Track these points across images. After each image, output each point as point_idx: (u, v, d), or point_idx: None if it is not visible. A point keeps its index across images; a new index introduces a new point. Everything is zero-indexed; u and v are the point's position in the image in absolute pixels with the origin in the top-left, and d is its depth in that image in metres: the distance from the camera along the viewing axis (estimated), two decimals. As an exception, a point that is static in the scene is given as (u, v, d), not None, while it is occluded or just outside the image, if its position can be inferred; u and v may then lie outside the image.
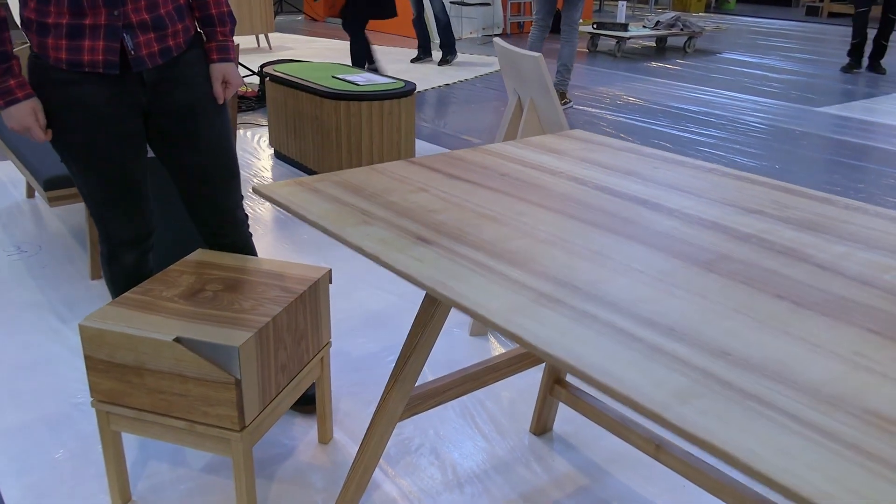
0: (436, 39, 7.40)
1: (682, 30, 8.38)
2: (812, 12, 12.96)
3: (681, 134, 5.10)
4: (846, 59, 7.69)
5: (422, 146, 4.65)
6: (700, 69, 7.59)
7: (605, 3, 14.30)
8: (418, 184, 1.45)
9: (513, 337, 0.90)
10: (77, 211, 3.57)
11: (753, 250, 1.16)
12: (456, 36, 9.27)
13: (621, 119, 5.48)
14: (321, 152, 3.92)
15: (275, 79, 4.16)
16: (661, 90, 6.54)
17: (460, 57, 7.99)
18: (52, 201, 2.68)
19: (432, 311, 1.41)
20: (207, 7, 1.76)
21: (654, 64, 7.86)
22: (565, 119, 2.29)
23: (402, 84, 3.89)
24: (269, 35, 9.05)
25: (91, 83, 1.63)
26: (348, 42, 8.12)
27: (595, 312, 0.96)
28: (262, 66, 4.95)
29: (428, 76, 6.94)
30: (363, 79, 3.99)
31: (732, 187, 1.46)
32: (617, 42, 8.15)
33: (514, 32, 9.88)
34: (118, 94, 1.67)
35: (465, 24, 9.33)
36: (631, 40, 8.90)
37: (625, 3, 8.23)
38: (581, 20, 9.97)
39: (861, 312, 0.97)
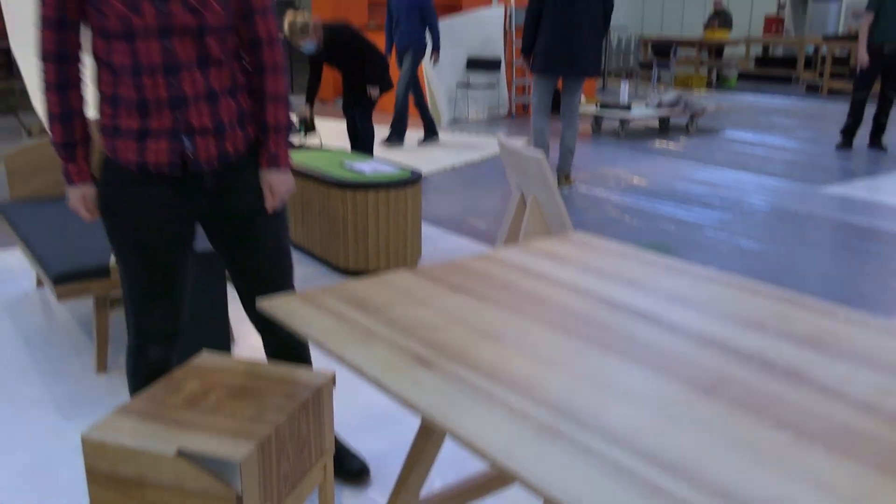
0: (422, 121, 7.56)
1: (684, 109, 8.53)
2: (812, 89, 13.20)
3: (686, 216, 5.14)
4: (840, 137, 7.80)
5: (427, 231, 4.69)
6: (703, 148, 7.69)
7: (609, 81, 14.61)
8: (421, 297, 1.46)
9: (513, 474, 0.90)
10: (85, 302, 3.59)
11: (755, 371, 1.16)
12: (462, 117, 9.46)
13: (627, 201, 5.53)
14: (328, 240, 3.96)
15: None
16: (666, 170, 6.62)
17: (467, 139, 8.13)
18: (60, 297, 2.70)
19: (431, 433, 1.40)
20: (265, 114, 1.81)
21: (657, 143, 7.97)
22: (568, 217, 2.32)
23: (409, 173, 3.96)
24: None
25: (154, 185, 1.73)
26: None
27: (596, 446, 0.95)
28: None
29: (436, 158, 7.06)
30: (371, 167, 4.06)
31: (734, 298, 1.47)
32: (621, 122, 8.30)
33: (520, 114, 10.07)
34: (178, 197, 1.76)
35: (470, 106, 9.53)
36: (634, 120, 9.05)
37: (627, 83, 8.41)
38: (583, 100, 10.19)
39: (864, 444, 0.96)
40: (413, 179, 3.89)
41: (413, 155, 7.17)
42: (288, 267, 1.95)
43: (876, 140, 7.63)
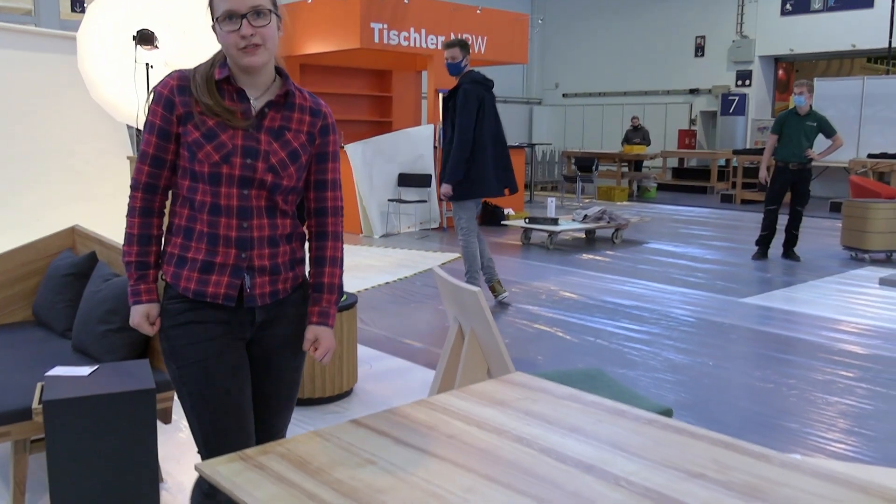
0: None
1: (609, 222, 8.86)
2: (726, 199, 13.92)
3: (616, 330, 5.25)
4: (755, 248, 8.23)
5: (363, 353, 4.66)
6: (629, 260, 7.95)
7: (535, 194, 15.10)
8: (365, 454, 1.44)
9: None
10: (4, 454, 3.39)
11: (700, 529, 1.17)
12: (394, 231, 9.58)
13: (558, 316, 5.63)
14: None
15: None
16: (594, 283, 6.80)
17: (400, 253, 8.21)
18: (-25, 443, 2.55)
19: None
20: (322, 275, 1.96)
21: (585, 256, 8.21)
22: (506, 351, 2.34)
23: (345, 297, 3.96)
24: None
25: (209, 318, 1.84)
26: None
27: None
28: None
29: (367, 274, 7.09)
30: (305, 292, 4.05)
31: (674, 444, 1.50)
32: (549, 235, 8.54)
33: (451, 226, 10.28)
34: (230, 329, 1.87)
35: (402, 220, 9.68)
36: (562, 233, 9.34)
37: (554, 199, 8.72)
38: (513, 213, 10.48)
39: None
40: (349, 304, 3.89)
41: (346, 272, 7.18)
42: (294, 400, 2.06)
43: (789, 251, 8.04)
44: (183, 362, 1.86)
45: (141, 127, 5.83)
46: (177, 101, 1.79)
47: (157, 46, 5.68)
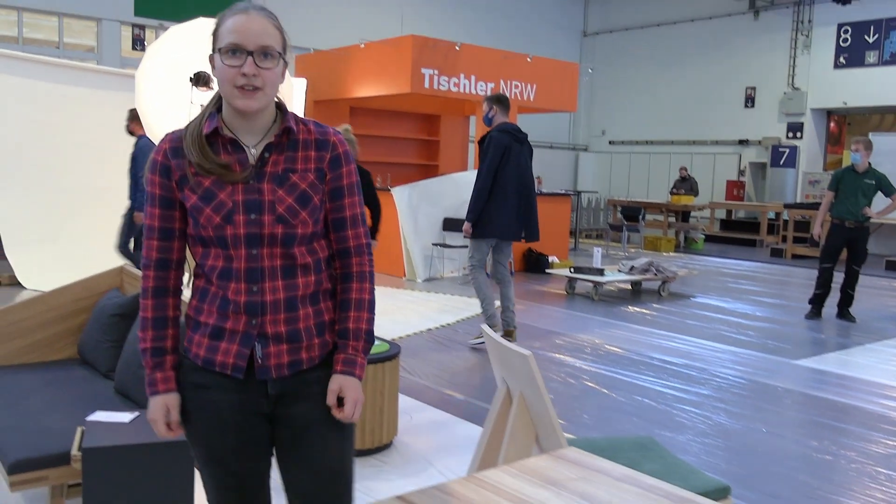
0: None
1: (655, 274, 8.69)
2: (776, 254, 13.61)
3: (664, 390, 5.09)
4: (808, 307, 7.98)
5: (403, 403, 4.57)
6: (676, 315, 7.76)
7: (580, 241, 14.97)
8: (411, 538, 1.36)
9: None
10: (41, 496, 3.37)
11: None
12: (437, 275, 9.53)
13: (603, 372, 5.49)
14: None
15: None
16: (641, 338, 6.63)
17: (442, 298, 8.14)
18: (14, 486, 2.52)
19: None
20: (347, 320, 1.76)
21: (630, 308, 8.05)
22: (557, 421, 2.25)
23: (387, 346, 3.89)
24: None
25: (220, 388, 1.70)
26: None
27: None
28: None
29: (409, 318, 7.02)
30: (348, 340, 3.99)
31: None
32: (594, 286, 8.40)
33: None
34: (243, 402, 1.71)
35: (446, 264, 9.63)
36: (607, 284, 9.20)
37: (600, 248, 8.59)
38: (558, 261, 10.36)
39: None
40: (392, 355, 3.82)
41: (387, 316, 7.13)
42: (345, 495, 1.79)
43: (844, 311, 7.78)
44: (190, 429, 1.74)
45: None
46: (172, 165, 1.67)
47: (212, 88, 5.78)
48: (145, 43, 15.42)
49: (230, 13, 1.64)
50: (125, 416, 2.66)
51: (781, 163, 18.16)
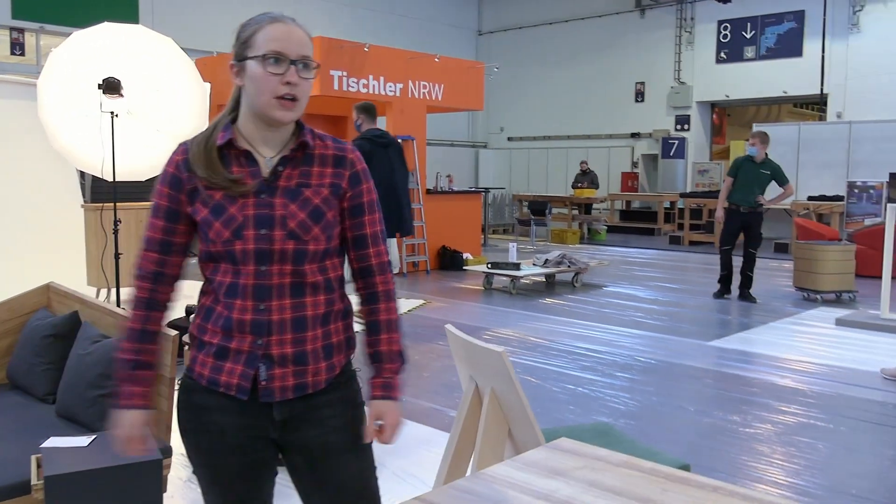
0: None
1: (569, 266, 8.96)
2: (674, 241, 14.26)
3: (594, 377, 5.27)
4: (716, 286, 8.49)
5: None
6: (592, 304, 8.03)
7: (489, 237, 15.19)
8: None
9: None
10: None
11: None
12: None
13: (532, 364, 5.63)
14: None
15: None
16: (562, 329, 6.83)
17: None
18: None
19: None
20: (379, 343, 1.73)
21: (547, 300, 8.27)
22: (532, 414, 2.32)
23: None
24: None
25: (223, 410, 1.65)
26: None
27: None
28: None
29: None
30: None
31: (746, 513, 1.49)
32: (512, 280, 8.58)
33: (410, 271, 10.24)
34: (247, 425, 1.65)
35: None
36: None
37: (515, 244, 8.78)
38: (472, 257, 10.51)
39: None
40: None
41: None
42: None
43: (745, 292, 8.25)
44: (192, 450, 1.70)
45: (104, 176, 5.68)
46: (184, 177, 1.62)
47: (122, 95, 5.58)
48: (25, 47, 14.61)
49: (265, 21, 1.59)
50: (82, 441, 2.56)
51: (671, 154, 19.03)
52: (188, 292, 8.03)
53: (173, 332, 2.82)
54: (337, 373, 1.70)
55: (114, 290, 6.04)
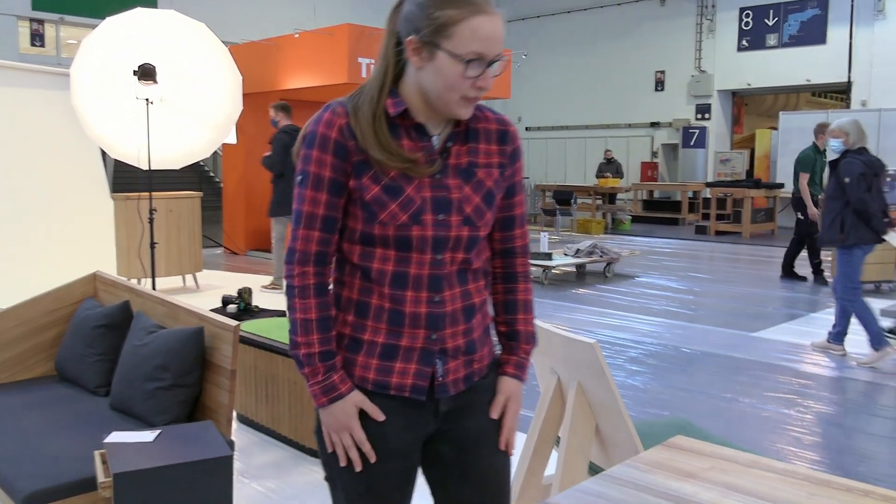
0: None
1: (601, 256, 8.81)
2: (700, 231, 14.07)
3: (638, 368, 5.14)
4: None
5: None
6: (627, 295, 7.89)
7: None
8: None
9: None
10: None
11: None
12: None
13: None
14: (299, 419, 3.65)
15: (242, 339, 3.95)
16: (597, 319, 6.70)
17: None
18: (28, 521, 2.29)
19: None
20: (516, 322, 1.64)
21: (580, 290, 8.13)
22: (625, 409, 2.20)
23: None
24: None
25: (387, 410, 1.50)
26: (275, 276, 8.05)
27: None
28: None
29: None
30: (341, 338, 3.84)
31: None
32: (544, 270, 8.45)
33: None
34: (411, 424, 1.53)
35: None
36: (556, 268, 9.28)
37: (546, 234, 8.64)
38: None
39: None
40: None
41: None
42: None
43: (822, 276, 8.43)
44: (342, 469, 1.53)
45: (139, 164, 5.57)
46: (350, 145, 1.43)
47: (156, 82, 5.47)
48: (45, 39, 14.55)
49: (468, 10, 1.38)
50: (147, 436, 2.45)
51: (692, 143, 18.81)
52: (216, 282, 7.89)
53: (234, 323, 2.71)
54: (493, 358, 1.63)
55: (149, 280, 5.95)
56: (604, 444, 2.38)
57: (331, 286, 1.55)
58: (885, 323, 5.93)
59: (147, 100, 5.39)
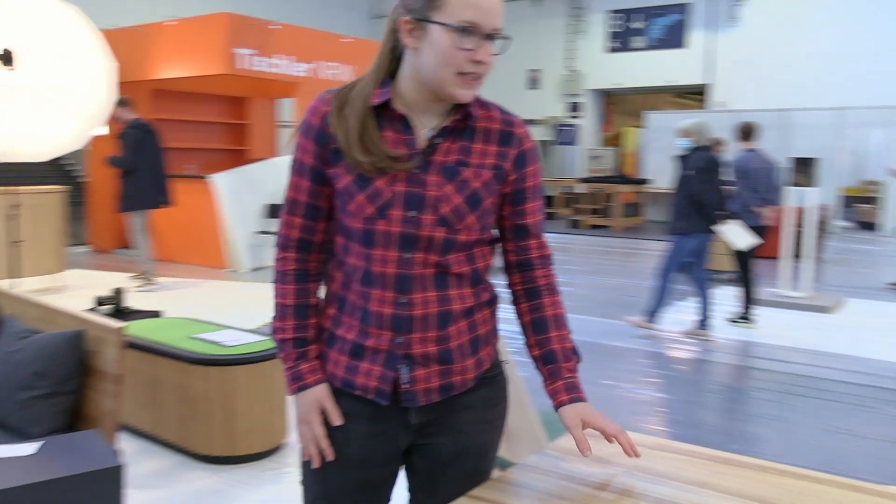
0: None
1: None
2: (574, 225, 14.57)
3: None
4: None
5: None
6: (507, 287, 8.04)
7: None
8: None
9: None
10: None
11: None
12: (263, 264, 9.14)
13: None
14: (187, 425, 3.50)
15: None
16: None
17: (269, 287, 7.83)
18: None
19: None
20: (549, 342, 1.52)
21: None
22: (534, 410, 2.24)
23: (274, 343, 3.66)
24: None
25: (353, 417, 1.46)
26: (147, 276, 7.70)
27: None
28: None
29: (259, 310, 6.67)
30: (230, 338, 3.72)
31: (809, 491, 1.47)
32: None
33: (319, 257, 9.98)
34: (377, 433, 1.47)
35: (271, 252, 9.24)
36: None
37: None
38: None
39: None
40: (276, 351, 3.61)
41: (227, 311, 6.72)
42: None
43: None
44: (309, 472, 1.51)
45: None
46: (329, 132, 1.41)
47: (13, 67, 5.10)
48: None
49: None
50: (27, 449, 2.27)
51: (565, 140, 19.48)
52: (84, 282, 7.38)
53: (119, 325, 2.56)
54: (486, 367, 1.52)
55: (11, 281, 5.54)
56: (508, 437, 2.42)
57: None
58: (734, 310, 6.39)
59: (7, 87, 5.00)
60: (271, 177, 9.15)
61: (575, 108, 20.14)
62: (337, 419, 1.46)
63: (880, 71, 15.69)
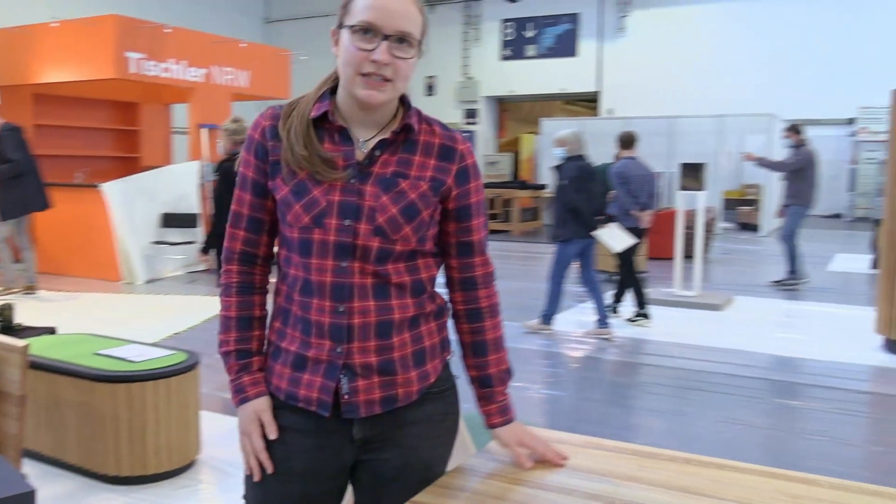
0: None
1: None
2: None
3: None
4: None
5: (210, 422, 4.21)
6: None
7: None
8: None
9: None
10: None
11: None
12: (158, 276, 8.83)
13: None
14: (91, 445, 3.35)
15: (17, 362, 3.55)
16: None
17: (172, 300, 7.59)
18: None
19: None
20: (487, 366, 1.56)
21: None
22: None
23: (186, 356, 3.57)
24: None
25: (296, 430, 1.46)
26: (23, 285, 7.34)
27: None
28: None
29: (149, 324, 6.44)
30: (135, 353, 3.58)
31: (740, 484, 1.56)
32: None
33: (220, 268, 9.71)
34: (320, 447, 1.46)
35: (167, 263, 8.95)
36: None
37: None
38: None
39: None
40: (192, 364, 3.52)
41: (124, 325, 6.46)
42: None
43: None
44: (253, 486, 1.50)
45: None
46: (269, 146, 1.43)
47: None
48: None
49: None
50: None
51: (463, 146, 19.67)
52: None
53: (22, 343, 2.43)
54: (431, 381, 1.52)
55: None
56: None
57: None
58: (631, 309, 6.66)
59: None
60: (166, 185, 8.86)
61: (471, 114, 20.44)
62: (272, 433, 1.47)
63: (756, 82, 16.70)
